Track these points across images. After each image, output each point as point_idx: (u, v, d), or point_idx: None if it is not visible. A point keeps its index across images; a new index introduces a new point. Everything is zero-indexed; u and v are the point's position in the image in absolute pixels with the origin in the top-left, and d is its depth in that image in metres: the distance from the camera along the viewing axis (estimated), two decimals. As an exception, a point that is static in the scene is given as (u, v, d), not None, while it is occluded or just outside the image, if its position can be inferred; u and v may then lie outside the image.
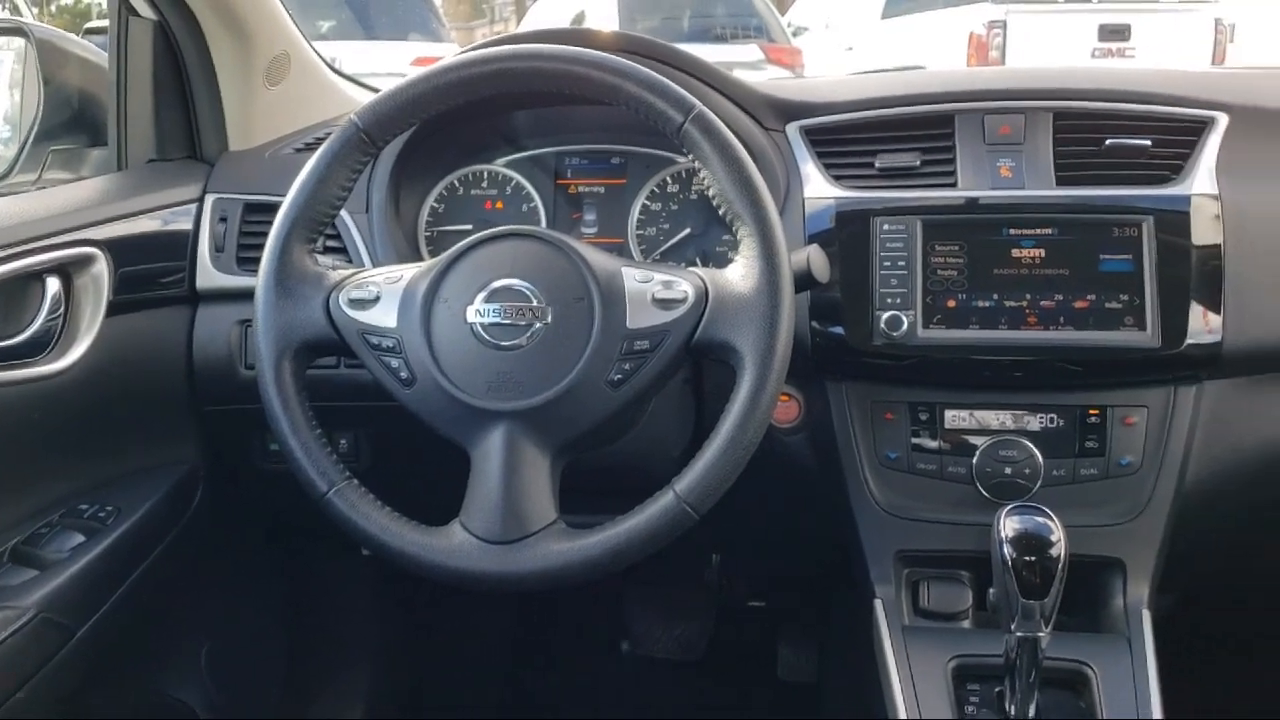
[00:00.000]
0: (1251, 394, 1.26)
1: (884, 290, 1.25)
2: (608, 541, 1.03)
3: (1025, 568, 1.07)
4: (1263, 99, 1.31)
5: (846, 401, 1.31)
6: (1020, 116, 1.29)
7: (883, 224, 1.26)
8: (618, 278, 1.07)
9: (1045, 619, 1.09)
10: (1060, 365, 1.23)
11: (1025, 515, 1.09)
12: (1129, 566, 1.25)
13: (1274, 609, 1.86)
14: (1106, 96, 1.30)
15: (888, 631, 1.25)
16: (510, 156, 1.45)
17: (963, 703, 1.19)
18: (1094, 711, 1.16)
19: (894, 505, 1.30)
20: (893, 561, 1.30)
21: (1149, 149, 1.25)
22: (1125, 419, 1.25)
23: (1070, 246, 1.22)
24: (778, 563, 1.84)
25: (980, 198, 1.26)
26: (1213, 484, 1.26)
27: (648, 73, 1.08)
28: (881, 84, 1.41)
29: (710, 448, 1.03)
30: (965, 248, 1.24)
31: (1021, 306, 1.23)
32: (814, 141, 1.33)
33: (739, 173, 1.05)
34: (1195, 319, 1.20)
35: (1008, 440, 1.26)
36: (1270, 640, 1.92)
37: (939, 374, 1.27)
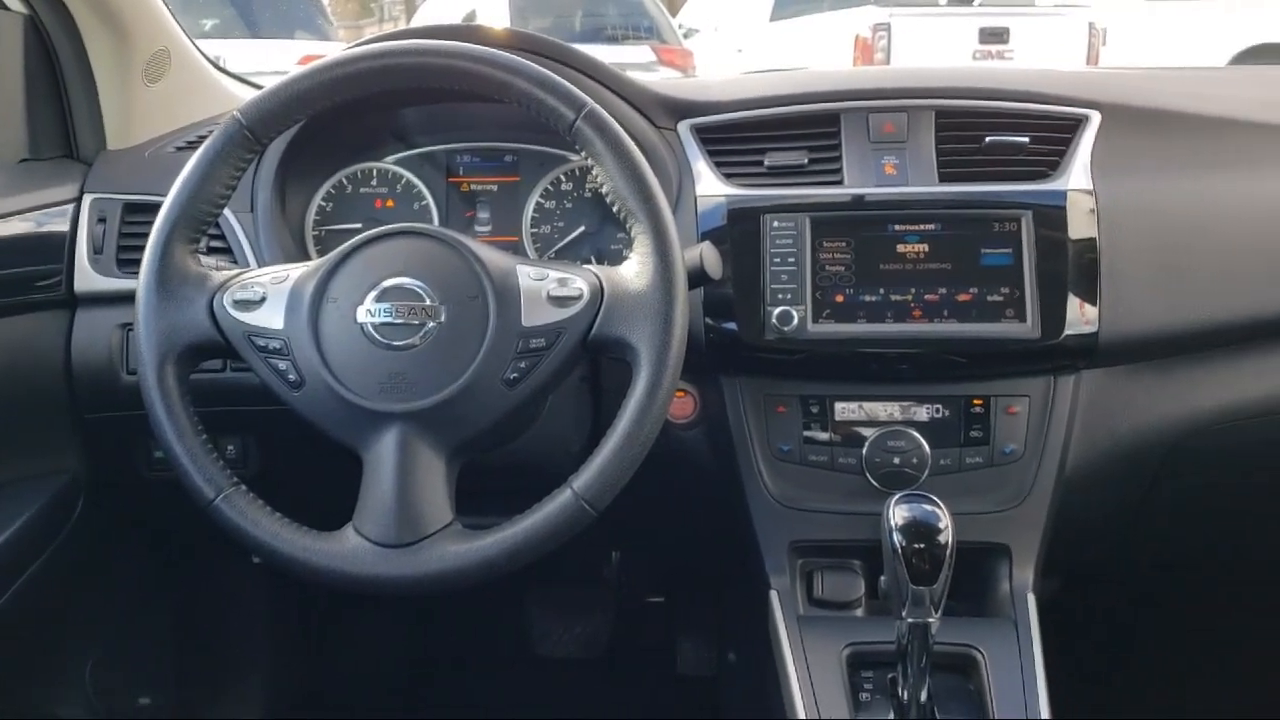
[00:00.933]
0: (1127, 383, 1.30)
1: (775, 286, 1.26)
2: (505, 541, 1.02)
3: (914, 555, 1.09)
4: (1133, 97, 1.36)
5: (740, 396, 1.33)
6: (903, 115, 1.32)
7: (772, 221, 1.28)
8: (512, 276, 1.07)
9: (935, 604, 1.11)
10: (945, 357, 1.26)
11: (913, 503, 1.12)
12: (1014, 551, 1.29)
13: (1150, 590, 1.94)
14: (986, 95, 1.34)
15: (783, 622, 1.27)
16: (401, 154, 1.44)
17: (857, 689, 1.21)
18: (983, 693, 1.20)
19: (787, 497, 1.32)
20: (787, 552, 1.32)
21: (1027, 146, 1.29)
22: (1008, 408, 1.29)
23: (953, 241, 1.26)
24: (676, 558, 1.85)
25: (866, 195, 1.28)
26: (1092, 470, 1.30)
27: (539, 69, 1.08)
28: (770, 83, 1.43)
29: (607, 444, 1.03)
30: (852, 244, 1.27)
31: (907, 300, 1.26)
32: (705, 140, 1.35)
33: (632, 170, 1.05)
34: (1073, 310, 1.24)
35: (896, 431, 1.29)
36: (1148, 620, 2.01)
37: (829, 367, 1.29)
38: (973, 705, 1.20)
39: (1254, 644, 2.00)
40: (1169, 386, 1.31)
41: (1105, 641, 1.94)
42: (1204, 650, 2.01)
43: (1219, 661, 2.00)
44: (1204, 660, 2.00)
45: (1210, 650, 2.01)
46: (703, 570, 1.89)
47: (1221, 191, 1.31)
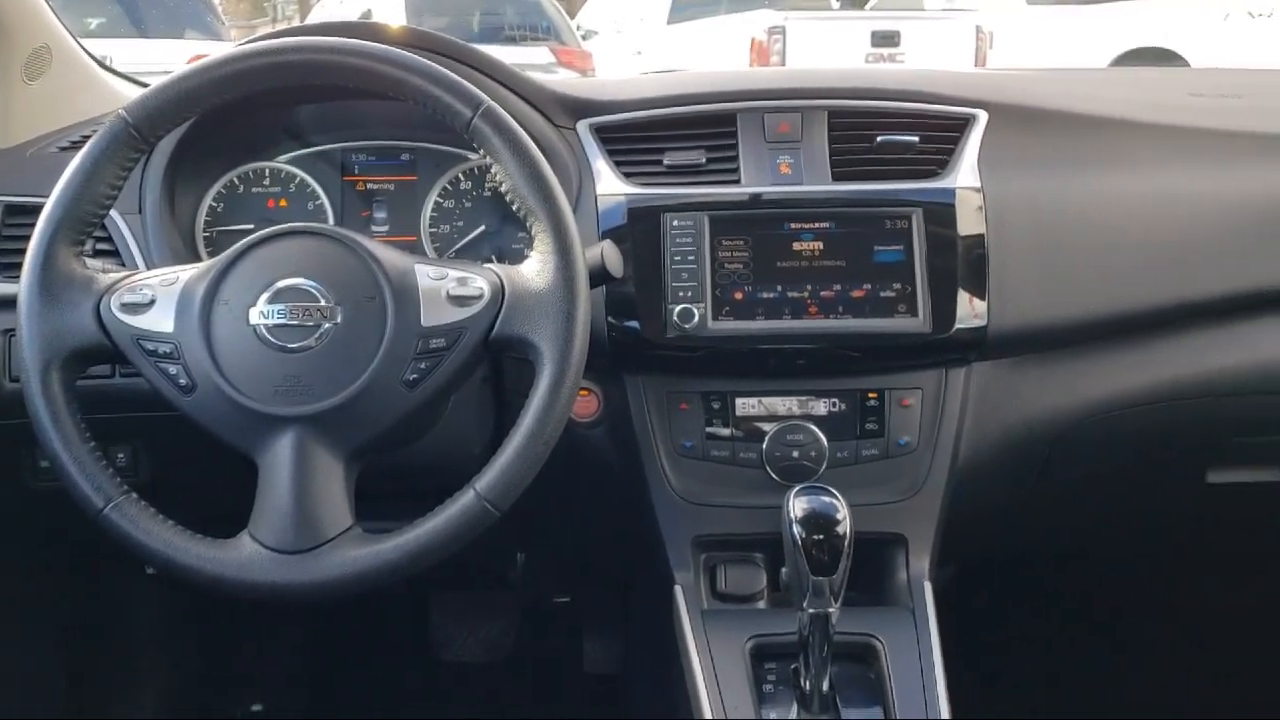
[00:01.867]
0: (1015, 374, 1.34)
1: (675, 284, 1.27)
2: (406, 545, 1.01)
3: (814, 546, 1.11)
4: (1018, 97, 1.41)
5: (643, 394, 1.33)
6: (797, 115, 1.34)
7: (672, 220, 1.29)
8: (410, 275, 1.06)
9: (835, 595, 1.13)
10: (840, 352, 1.29)
11: (813, 496, 1.13)
12: (910, 541, 1.32)
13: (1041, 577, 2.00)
14: (877, 95, 1.36)
15: (687, 616, 1.28)
16: (294, 153, 1.41)
17: (760, 681, 1.22)
18: (883, 681, 1.22)
19: (690, 492, 1.33)
20: (690, 547, 1.33)
21: (917, 145, 1.32)
22: (902, 401, 1.32)
23: (846, 239, 1.28)
24: (581, 557, 1.85)
25: (762, 194, 1.30)
26: (983, 460, 1.34)
27: (434, 67, 1.07)
28: (668, 83, 1.44)
29: (510, 444, 1.03)
30: (750, 242, 1.28)
31: (803, 297, 1.27)
32: (604, 139, 1.35)
33: (530, 168, 1.05)
34: (963, 305, 1.27)
35: (795, 425, 1.31)
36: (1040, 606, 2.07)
37: (729, 364, 1.31)
38: (873, 692, 1.22)
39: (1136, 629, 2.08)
40: (1055, 378, 1.35)
41: (999, 627, 1.99)
42: (1093, 635, 2.08)
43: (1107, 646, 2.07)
44: (1093, 645, 2.08)
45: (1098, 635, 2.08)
46: (608, 569, 1.89)
47: (1102, 189, 1.36)
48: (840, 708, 1.19)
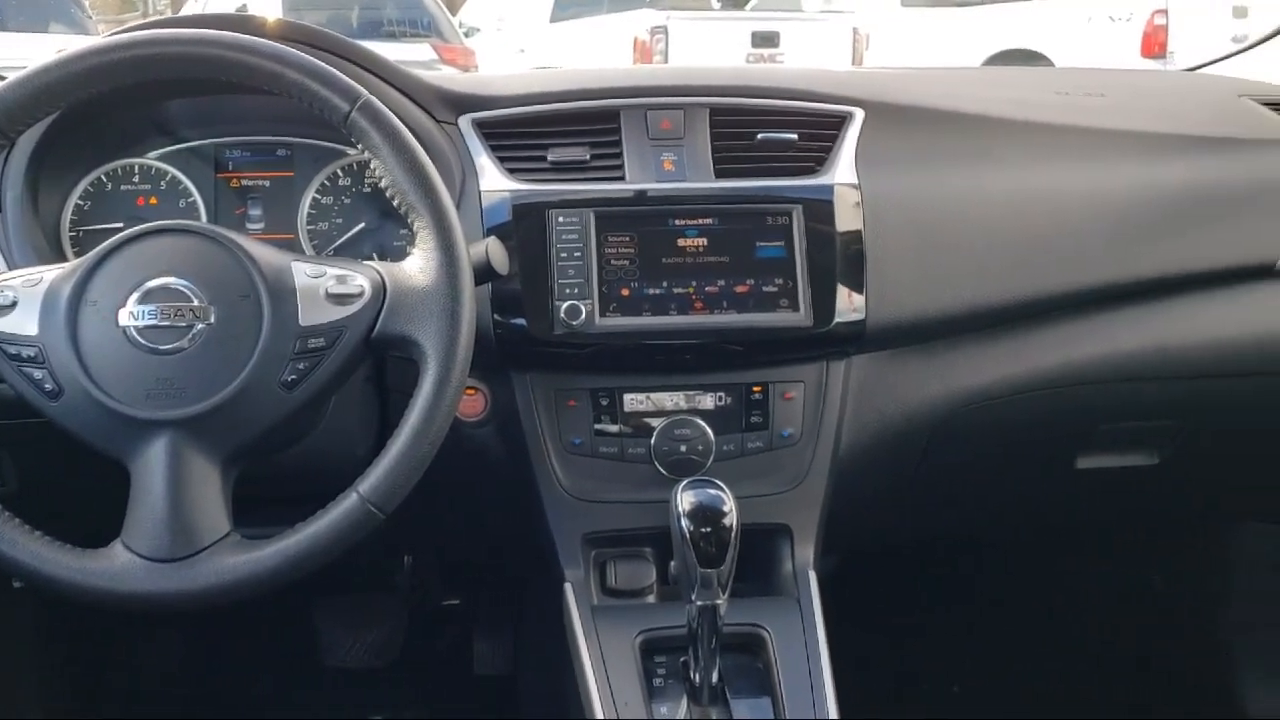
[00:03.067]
0: (893, 366, 1.37)
1: (562, 281, 1.27)
2: (288, 550, 0.99)
3: (702, 539, 1.12)
4: (894, 95, 1.44)
5: (531, 391, 1.33)
6: (680, 112, 1.34)
7: (558, 216, 1.28)
8: (287, 273, 1.03)
9: (722, 586, 1.14)
10: (725, 346, 1.30)
11: (700, 489, 1.14)
12: (795, 531, 1.34)
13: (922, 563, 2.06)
14: (757, 93, 1.38)
15: (577, 613, 1.28)
16: (165, 149, 1.36)
17: (650, 675, 1.23)
18: (770, 670, 1.23)
19: (580, 489, 1.33)
20: (580, 544, 1.33)
21: (796, 142, 1.33)
22: (785, 394, 1.33)
23: (730, 235, 1.29)
24: (470, 557, 1.84)
25: (647, 190, 1.30)
26: (863, 450, 1.37)
27: (310, 60, 1.05)
28: (551, 79, 1.44)
29: (394, 445, 1.01)
30: (636, 238, 1.29)
31: (689, 293, 1.28)
32: (487, 135, 1.34)
33: (411, 163, 1.04)
34: (842, 299, 1.30)
35: (682, 420, 1.31)
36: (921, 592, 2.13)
37: (617, 360, 1.31)
38: (761, 682, 1.23)
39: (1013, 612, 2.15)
40: (932, 369, 1.38)
41: (884, 614, 2.04)
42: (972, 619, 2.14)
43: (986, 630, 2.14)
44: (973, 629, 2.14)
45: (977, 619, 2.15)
46: (497, 568, 1.88)
47: (974, 185, 1.40)
48: (729, 699, 1.21)
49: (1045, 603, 2.14)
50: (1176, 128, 1.49)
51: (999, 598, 2.14)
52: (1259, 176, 1.45)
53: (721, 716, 1.20)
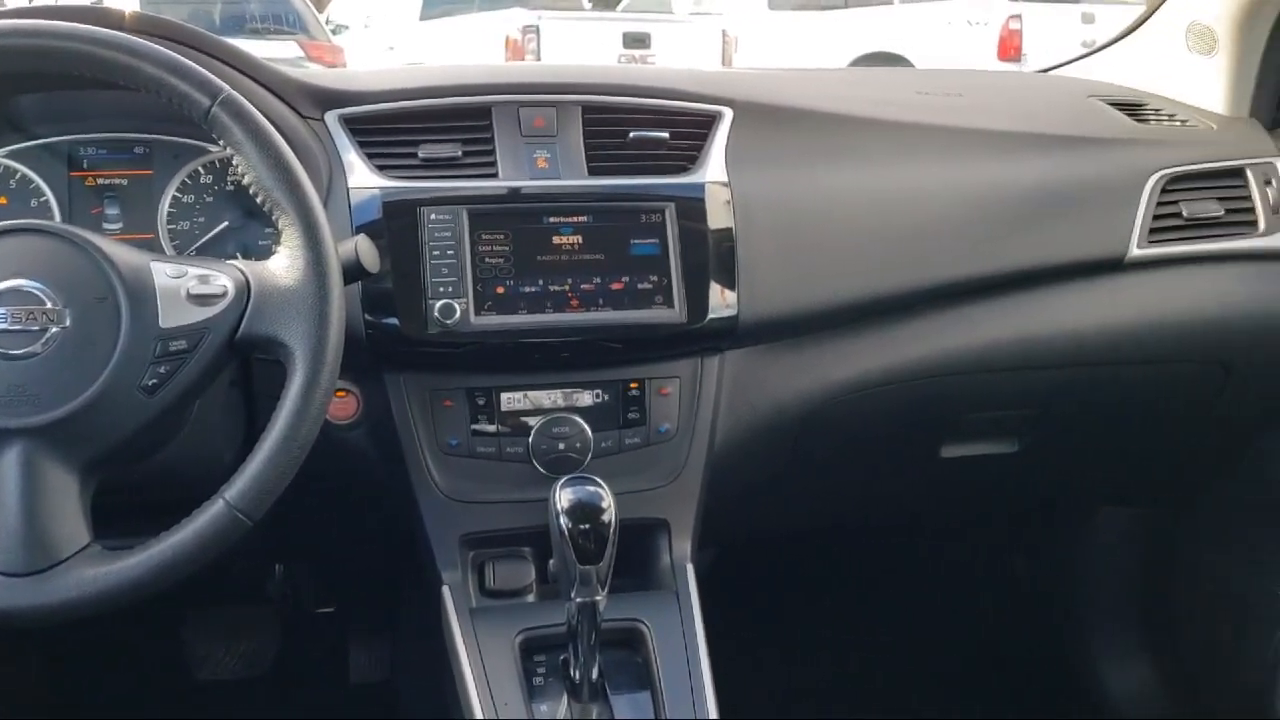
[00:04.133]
0: (765, 360, 1.39)
1: (435, 279, 1.25)
2: (152, 560, 0.96)
3: (580, 535, 1.12)
4: (762, 95, 1.46)
5: (405, 392, 1.30)
6: (552, 110, 1.34)
7: (430, 214, 1.26)
8: (146, 273, 1.00)
9: (601, 583, 1.14)
10: (602, 343, 1.30)
11: (578, 486, 1.14)
12: (672, 526, 1.35)
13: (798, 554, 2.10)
14: (629, 91, 1.39)
15: (455, 616, 1.26)
16: (15, 146, 1.30)
17: (530, 675, 1.23)
18: (650, 665, 1.24)
19: (457, 490, 1.31)
20: (458, 546, 1.31)
21: (667, 141, 1.34)
22: (661, 390, 1.34)
23: (604, 232, 1.30)
24: (345, 563, 1.80)
25: (521, 188, 1.30)
26: (738, 443, 1.38)
27: (168, 54, 1.01)
28: (421, 75, 1.41)
29: (261, 450, 0.98)
30: (510, 236, 1.28)
31: (565, 290, 1.28)
32: (355, 131, 1.31)
33: (275, 158, 1.01)
34: (715, 296, 1.31)
35: (560, 418, 1.31)
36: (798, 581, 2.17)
37: (493, 359, 1.30)
38: (641, 677, 1.24)
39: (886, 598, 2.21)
40: (802, 362, 1.41)
41: (762, 604, 2.07)
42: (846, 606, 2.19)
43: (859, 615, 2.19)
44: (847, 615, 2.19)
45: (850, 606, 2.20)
46: (373, 574, 1.85)
47: (841, 182, 1.43)
48: (609, 694, 1.21)
49: (915, 589, 2.21)
50: (1031, 127, 1.55)
51: (871, 585, 2.20)
52: (1107, 173, 1.51)
53: (602, 713, 1.20)
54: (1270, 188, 1.54)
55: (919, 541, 2.18)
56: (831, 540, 2.08)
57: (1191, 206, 1.51)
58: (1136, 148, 1.55)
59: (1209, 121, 1.64)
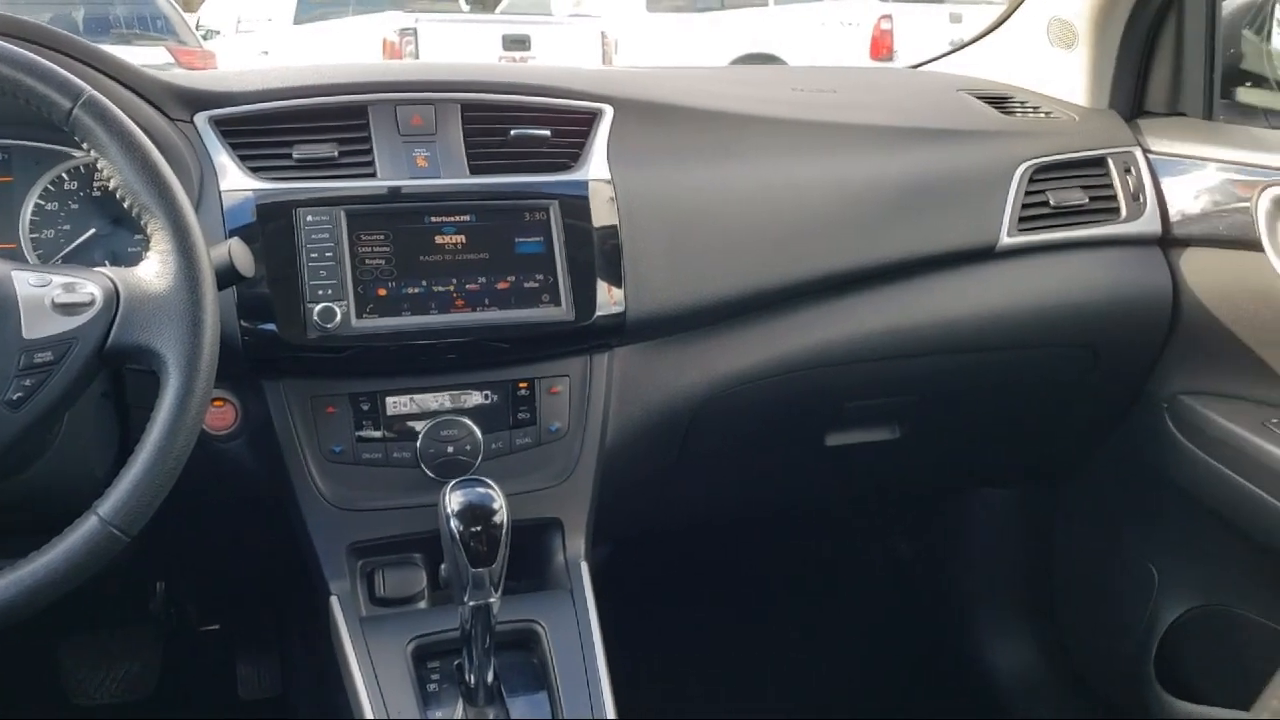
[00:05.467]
0: (654, 356, 1.40)
1: (314, 283, 1.22)
2: (22, 581, 0.92)
3: (472, 538, 1.11)
4: (642, 93, 1.47)
5: (286, 400, 1.27)
6: (430, 108, 1.33)
7: (306, 216, 1.24)
8: (7, 283, 0.96)
9: (495, 585, 1.13)
10: (489, 344, 1.29)
11: (468, 488, 1.13)
12: (565, 524, 1.34)
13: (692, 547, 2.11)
14: (508, 89, 1.38)
15: (345, 626, 1.24)
16: None
17: (424, 681, 1.21)
18: (546, 665, 1.24)
19: (343, 499, 1.29)
20: (345, 555, 1.29)
21: (549, 138, 1.34)
22: (551, 389, 1.34)
23: (488, 231, 1.28)
24: (229, 578, 1.75)
25: (400, 187, 1.28)
26: (629, 439, 1.39)
27: (25, 54, 0.97)
28: (294, 74, 1.38)
29: (136, 463, 0.95)
30: (391, 236, 1.26)
31: (449, 290, 1.26)
32: (226, 132, 1.28)
33: (142, 161, 0.98)
34: (602, 293, 1.31)
35: (448, 420, 1.29)
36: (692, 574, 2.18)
37: (377, 362, 1.28)
38: (537, 678, 1.24)
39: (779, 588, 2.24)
40: (691, 357, 1.42)
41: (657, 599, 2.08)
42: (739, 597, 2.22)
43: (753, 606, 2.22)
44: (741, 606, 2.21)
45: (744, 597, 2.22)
46: (259, 587, 1.80)
47: (721, 179, 1.44)
48: (505, 697, 1.20)
49: (806, 577, 2.24)
50: (904, 121, 1.59)
51: (764, 575, 2.23)
52: (977, 165, 1.56)
53: (498, 715, 1.19)
54: (1130, 176, 1.61)
55: (808, 530, 2.21)
56: (724, 531, 2.10)
57: (1057, 195, 1.57)
58: (1004, 140, 1.60)
59: (1071, 113, 1.70)
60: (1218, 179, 1.54)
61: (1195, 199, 1.57)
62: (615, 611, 1.33)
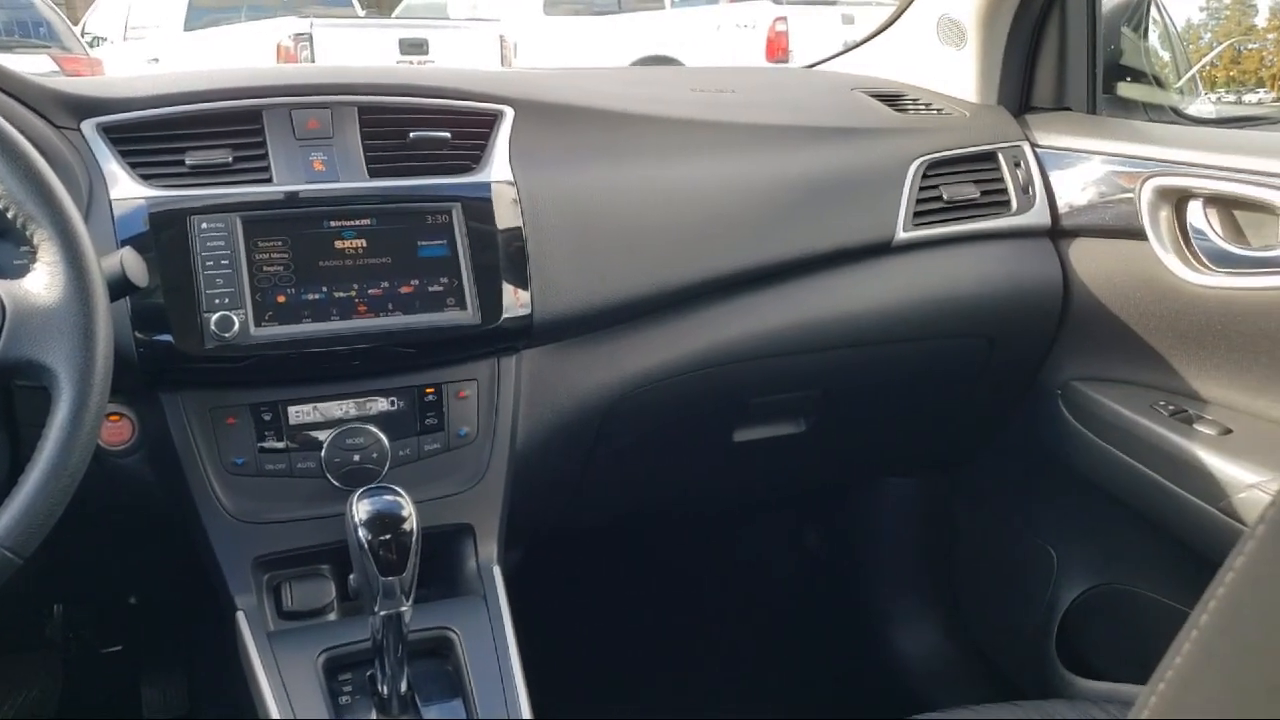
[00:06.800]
0: (563, 357, 1.40)
1: (210, 291, 1.20)
2: None
3: (381, 547, 1.10)
4: (543, 94, 1.46)
5: (184, 412, 1.24)
6: (327, 111, 1.31)
7: (201, 223, 1.21)
8: None
9: (406, 593, 1.12)
10: (394, 349, 1.27)
11: (375, 497, 1.12)
12: (477, 530, 1.33)
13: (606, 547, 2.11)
14: (407, 91, 1.37)
15: (252, 641, 1.21)
16: None
17: (336, 694, 1.19)
18: (461, 672, 1.23)
19: (246, 512, 1.26)
20: (251, 569, 1.26)
21: (450, 140, 1.33)
22: (459, 393, 1.33)
23: (390, 235, 1.27)
24: (131, 598, 1.70)
25: (298, 192, 1.26)
26: (540, 441, 1.38)
27: None
28: (185, 79, 1.35)
29: (28, 482, 0.92)
30: (289, 242, 1.23)
31: (351, 296, 1.25)
32: (115, 140, 1.24)
33: (25, 169, 0.95)
34: (508, 296, 1.30)
35: (353, 428, 1.28)
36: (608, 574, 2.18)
37: (278, 371, 1.25)
38: (452, 685, 1.23)
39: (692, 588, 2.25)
40: (599, 357, 1.42)
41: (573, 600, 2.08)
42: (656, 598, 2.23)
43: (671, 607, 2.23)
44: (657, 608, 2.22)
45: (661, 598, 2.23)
46: (162, 606, 1.76)
47: (623, 178, 1.45)
48: (420, 706, 1.19)
49: (720, 572, 2.26)
50: (801, 120, 1.61)
51: (679, 572, 2.24)
52: (873, 161, 1.59)
53: None
54: (1019, 170, 1.65)
55: (720, 526, 2.23)
56: (637, 530, 2.11)
57: (950, 190, 1.61)
58: (898, 137, 1.63)
59: (962, 110, 1.74)
60: (1102, 171, 1.59)
61: (1082, 191, 1.62)
62: (530, 615, 1.33)
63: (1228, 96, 2.06)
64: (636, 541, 2.15)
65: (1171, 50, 1.97)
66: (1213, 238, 1.45)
